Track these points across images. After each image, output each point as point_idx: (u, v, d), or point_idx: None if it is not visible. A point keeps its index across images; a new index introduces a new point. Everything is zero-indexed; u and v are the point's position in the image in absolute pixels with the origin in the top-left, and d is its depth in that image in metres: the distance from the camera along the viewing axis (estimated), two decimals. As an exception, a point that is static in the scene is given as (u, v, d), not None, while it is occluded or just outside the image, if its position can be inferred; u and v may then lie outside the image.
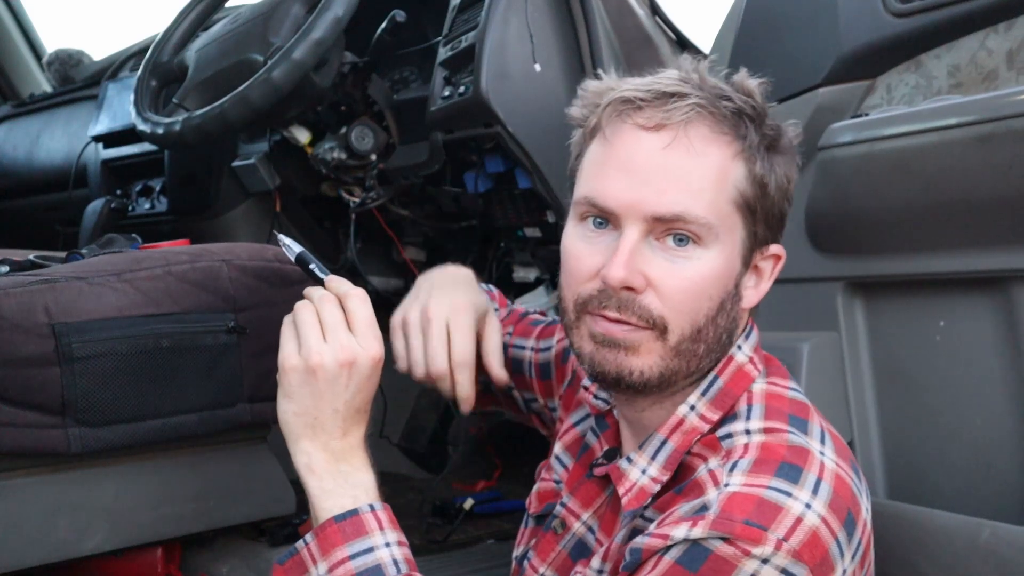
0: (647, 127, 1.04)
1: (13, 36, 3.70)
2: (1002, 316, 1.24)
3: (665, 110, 1.03)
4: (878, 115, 1.35)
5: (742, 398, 1.07)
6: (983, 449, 1.28)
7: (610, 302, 1.04)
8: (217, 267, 1.34)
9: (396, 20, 1.81)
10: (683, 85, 1.05)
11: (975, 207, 1.22)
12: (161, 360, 1.26)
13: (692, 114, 1.03)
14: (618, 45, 1.82)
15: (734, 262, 1.05)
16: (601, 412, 1.20)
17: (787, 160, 1.08)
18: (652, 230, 1.03)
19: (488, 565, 1.72)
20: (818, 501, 0.96)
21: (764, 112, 1.06)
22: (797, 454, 1.00)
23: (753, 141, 1.04)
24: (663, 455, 1.07)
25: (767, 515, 0.94)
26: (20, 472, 1.24)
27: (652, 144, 1.03)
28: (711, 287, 1.04)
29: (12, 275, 1.29)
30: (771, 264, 1.10)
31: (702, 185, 1.02)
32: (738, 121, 1.04)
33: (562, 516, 1.20)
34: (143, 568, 1.42)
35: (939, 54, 1.38)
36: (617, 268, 1.02)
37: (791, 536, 0.93)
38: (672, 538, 0.95)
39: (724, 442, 1.04)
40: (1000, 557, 1.14)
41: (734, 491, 0.96)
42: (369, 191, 1.96)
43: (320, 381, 1.08)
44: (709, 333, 1.05)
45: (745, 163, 1.04)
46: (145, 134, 1.83)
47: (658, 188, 1.02)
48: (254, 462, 1.42)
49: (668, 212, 1.02)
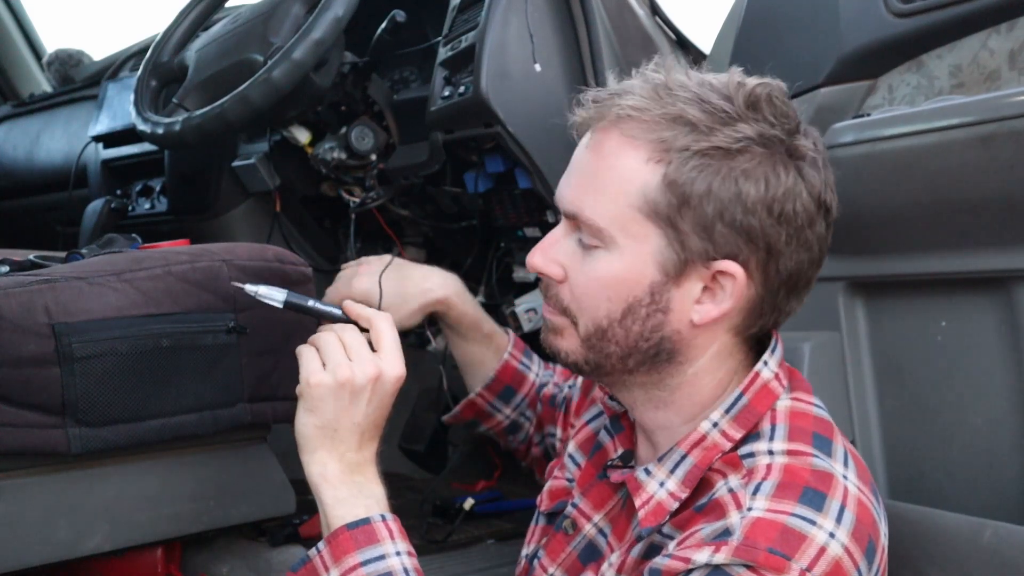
0: (591, 127, 1.08)
1: (13, 36, 3.70)
2: (1004, 316, 1.24)
3: (601, 111, 1.05)
4: (880, 115, 1.35)
5: (766, 416, 1.05)
6: (985, 449, 1.28)
7: (541, 284, 1.13)
8: (217, 267, 1.34)
9: (396, 20, 1.81)
10: (635, 86, 1.04)
11: (977, 207, 1.22)
12: (161, 360, 1.26)
13: (615, 116, 1.03)
14: (618, 45, 1.82)
15: (644, 270, 1.03)
16: (616, 413, 1.21)
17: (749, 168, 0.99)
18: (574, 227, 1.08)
19: (488, 565, 1.72)
20: (842, 530, 0.95)
21: (736, 116, 1.00)
22: (821, 479, 0.98)
23: (676, 145, 0.99)
24: (682, 470, 1.06)
25: (791, 544, 0.93)
26: (20, 472, 1.24)
27: (583, 143, 1.08)
28: (609, 289, 1.05)
29: (12, 275, 1.29)
30: (729, 282, 1.03)
31: (601, 188, 1.04)
32: (665, 125, 1.00)
33: (573, 517, 1.19)
34: (143, 568, 1.42)
35: (941, 54, 1.37)
36: (532, 255, 1.10)
37: (815, 567, 0.93)
38: (694, 562, 0.94)
39: (746, 461, 1.02)
40: (1002, 557, 1.14)
41: (758, 516, 0.95)
42: (369, 191, 1.96)
43: (346, 395, 1.12)
44: (618, 335, 1.06)
45: (663, 168, 1.00)
46: (145, 134, 1.83)
47: (574, 186, 1.07)
48: (254, 462, 1.42)
49: (568, 210, 1.07)
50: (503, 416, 1.55)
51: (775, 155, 1.01)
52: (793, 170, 1.01)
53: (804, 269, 1.06)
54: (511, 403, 1.54)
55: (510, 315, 1.95)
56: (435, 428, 2.31)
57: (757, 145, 1.00)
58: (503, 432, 1.57)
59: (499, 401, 1.54)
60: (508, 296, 2.01)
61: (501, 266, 2.04)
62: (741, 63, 1.12)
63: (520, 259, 2.01)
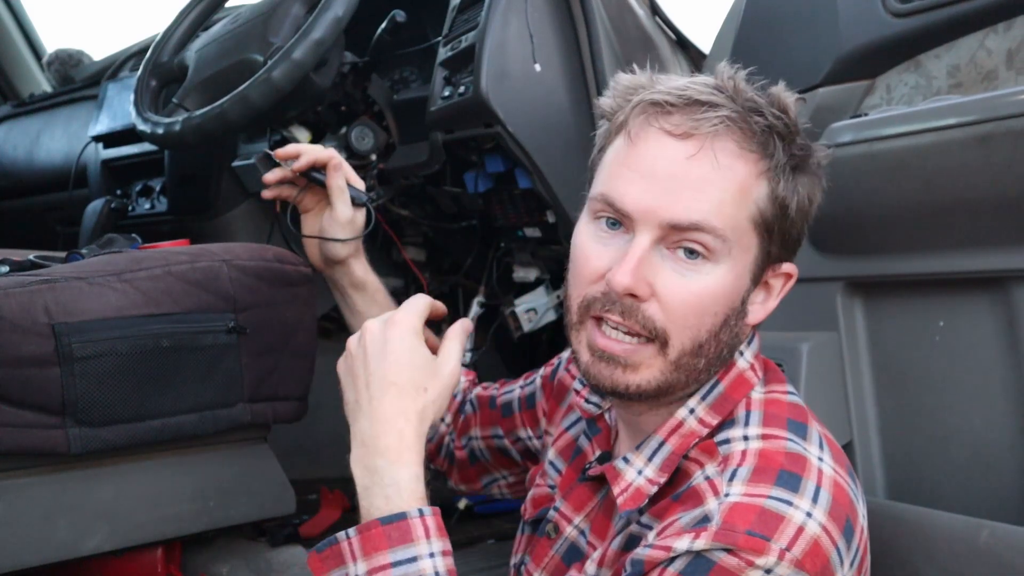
0: (674, 134, 1.02)
1: (13, 36, 3.70)
2: (1001, 316, 1.24)
3: (694, 119, 1.01)
4: (878, 115, 1.35)
5: (741, 404, 1.07)
6: (982, 449, 1.28)
7: (613, 307, 1.02)
8: (217, 267, 1.34)
9: (396, 20, 1.81)
10: (716, 94, 1.02)
11: (975, 207, 1.22)
12: (161, 360, 1.27)
13: (721, 127, 1.01)
14: (618, 45, 1.82)
15: (743, 279, 1.04)
16: (592, 416, 1.20)
17: (812, 181, 1.06)
18: (665, 238, 1.01)
19: (488, 565, 1.72)
20: (818, 509, 0.96)
21: (796, 130, 1.04)
22: (795, 461, 0.99)
23: (780, 160, 1.02)
24: (660, 457, 1.07)
25: (769, 525, 0.94)
26: (20, 472, 1.24)
27: (677, 152, 1.01)
28: (716, 303, 1.02)
29: (12, 275, 1.29)
30: (781, 282, 1.08)
31: (723, 198, 1.00)
32: (767, 139, 1.02)
33: (555, 520, 1.19)
34: (143, 568, 1.42)
35: (939, 54, 1.38)
36: (624, 274, 1.00)
37: (793, 545, 0.93)
38: (675, 550, 0.94)
39: (721, 447, 1.03)
40: (999, 557, 1.14)
41: (735, 501, 0.96)
42: (369, 191, 1.96)
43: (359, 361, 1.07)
44: (711, 348, 1.04)
45: (769, 182, 1.02)
46: (145, 134, 1.83)
47: (677, 196, 1.00)
48: (254, 462, 1.42)
49: (685, 220, 1.00)
50: None
51: (818, 167, 1.07)
52: (820, 181, 1.08)
53: None
54: None
55: (510, 315, 1.95)
56: (435, 428, 2.31)
57: (813, 159, 1.06)
58: None
59: None
60: (508, 296, 2.02)
61: (501, 266, 2.04)
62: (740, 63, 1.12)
63: (520, 259, 2.02)
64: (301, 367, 1.42)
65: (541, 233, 1.89)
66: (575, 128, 1.74)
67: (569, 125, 1.74)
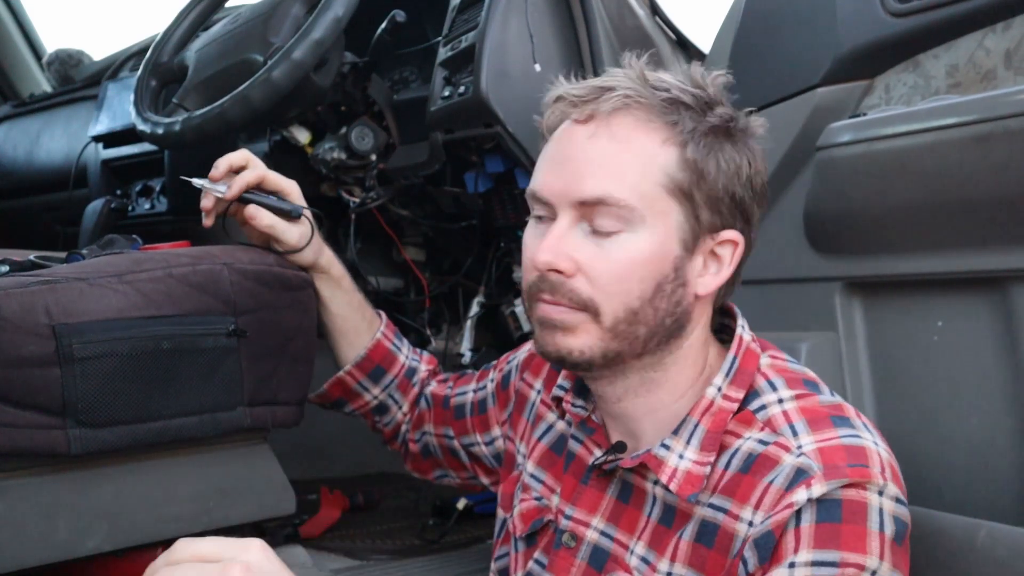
0: (579, 120, 1.10)
1: (13, 36, 3.70)
2: (1000, 316, 1.24)
3: (595, 103, 1.08)
4: (876, 115, 1.35)
5: (757, 375, 1.11)
6: (980, 449, 1.28)
7: (544, 286, 1.09)
8: (218, 270, 1.34)
9: (396, 20, 1.81)
10: (617, 79, 1.10)
11: (973, 207, 1.22)
12: (161, 362, 1.27)
13: (619, 104, 1.07)
14: (618, 45, 1.82)
15: (669, 246, 1.08)
16: (583, 418, 1.21)
17: (738, 147, 1.10)
18: (583, 216, 1.08)
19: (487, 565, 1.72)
20: (877, 438, 1.04)
21: (713, 100, 1.10)
22: (836, 408, 1.06)
23: (687, 127, 1.07)
24: (697, 438, 1.09)
25: (859, 456, 1.00)
26: (20, 472, 1.24)
27: (581, 135, 1.09)
28: (640, 269, 1.07)
29: (12, 275, 1.29)
30: (730, 250, 1.11)
31: (623, 170, 1.06)
32: (670, 109, 1.07)
33: (571, 529, 1.19)
34: (143, 568, 1.41)
35: (937, 54, 1.38)
36: (542, 252, 1.08)
37: (884, 468, 1.00)
38: (796, 502, 0.98)
39: (759, 414, 1.07)
40: (997, 557, 1.14)
41: (815, 447, 1.01)
42: (369, 191, 1.96)
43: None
44: (648, 315, 1.08)
45: (677, 148, 1.07)
46: (145, 134, 1.83)
47: (582, 174, 1.07)
48: (254, 462, 1.43)
49: (591, 196, 1.06)
50: (371, 396, 1.52)
51: (746, 135, 1.11)
52: (758, 149, 1.13)
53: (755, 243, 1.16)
54: (380, 383, 1.51)
55: (510, 315, 1.95)
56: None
57: (736, 126, 1.10)
58: (370, 413, 1.54)
59: (368, 380, 1.51)
60: (508, 296, 2.02)
61: (501, 266, 2.04)
62: (740, 63, 1.13)
63: (520, 259, 2.02)
64: (300, 371, 1.42)
65: (541, 233, 1.89)
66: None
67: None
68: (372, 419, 1.56)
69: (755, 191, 1.12)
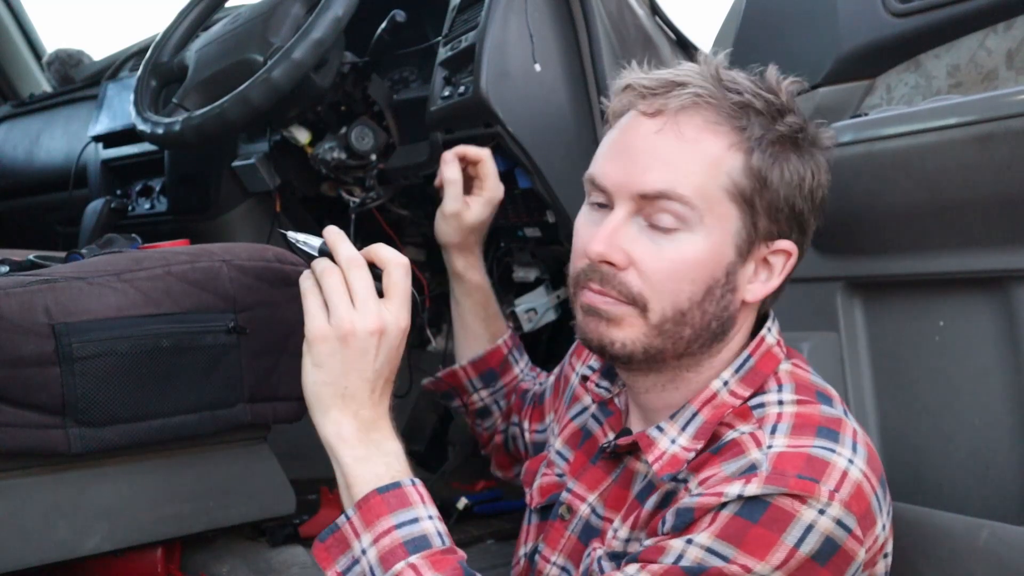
0: (647, 113, 1.08)
1: (13, 36, 3.70)
2: (1001, 316, 1.24)
3: (665, 98, 1.07)
4: (878, 115, 1.35)
5: (771, 378, 1.11)
6: (982, 449, 1.28)
7: (594, 275, 1.09)
8: (217, 267, 1.34)
9: (396, 20, 1.81)
10: (690, 75, 1.08)
11: (974, 207, 1.22)
12: (161, 360, 1.26)
13: (688, 103, 1.06)
14: (618, 45, 1.82)
15: (724, 250, 1.07)
16: (603, 400, 1.22)
17: (803, 158, 1.09)
18: (641, 210, 1.07)
19: (488, 565, 1.72)
20: (858, 458, 1.01)
21: (784, 108, 1.08)
22: (831, 421, 1.05)
23: (755, 134, 1.06)
24: (693, 427, 1.10)
25: (817, 469, 0.98)
26: (20, 472, 1.24)
27: (648, 129, 1.08)
28: (693, 271, 1.07)
29: (12, 275, 1.29)
30: (782, 260, 1.11)
31: (690, 169, 1.05)
32: (740, 113, 1.06)
33: (568, 502, 1.21)
34: (143, 568, 1.42)
35: (938, 54, 1.38)
36: (597, 243, 1.07)
37: (840, 488, 0.98)
38: (727, 495, 0.98)
39: (756, 411, 1.07)
40: (999, 557, 1.14)
41: (780, 450, 1.00)
42: (369, 191, 1.96)
43: (351, 350, 1.06)
44: (695, 317, 1.08)
45: (743, 155, 1.06)
46: (145, 134, 1.83)
47: (645, 167, 1.07)
48: (254, 462, 1.42)
49: (652, 189, 1.06)
50: (478, 398, 1.56)
51: (814, 145, 1.10)
52: (824, 160, 1.11)
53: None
54: (490, 387, 1.56)
55: (510, 315, 1.95)
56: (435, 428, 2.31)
57: (804, 136, 1.09)
58: (474, 414, 1.58)
59: (479, 381, 1.56)
60: (508, 296, 2.01)
61: (501, 266, 2.04)
62: (740, 63, 1.13)
63: (520, 259, 2.01)
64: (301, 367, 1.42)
65: (541, 233, 1.88)
66: (575, 128, 1.74)
67: (569, 125, 1.74)
68: (474, 420, 1.60)
69: (814, 203, 1.11)
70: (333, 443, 1.08)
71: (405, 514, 1.04)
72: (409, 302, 1.12)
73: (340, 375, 1.07)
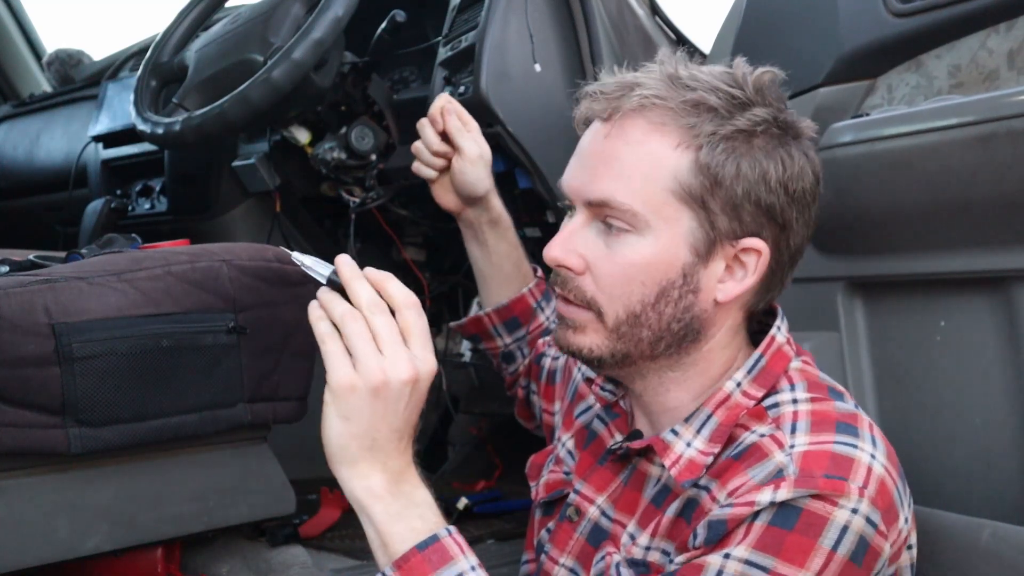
0: (601, 117, 1.09)
1: (13, 36, 3.70)
2: (1002, 316, 1.24)
3: (618, 100, 1.07)
4: (879, 115, 1.35)
5: (783, 377, 1.10)
6: (984, 449, 1.28)
7: (557, 280, 1.11)
8: (217, 267, 1.34)
9: (396, 20, 1.81)
10: (645, 76, 1.08)
11: (976, 207, 1.22)
12: (161, 360, 1.26)
13: (636, 105, 1.06)
14: (618, 45, 1.82)
15: (676, 251, 1.06)
16: (608, 403, 1.22)
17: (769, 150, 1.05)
18: (596, 215, 1.08)
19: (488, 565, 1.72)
20: (879, 452, 1.02)
21: (749, 101, 1.06)
22: (848, 416, 1.04)
23: (704, 131, 1.04)
24: (708, 429, 1.09)
25: (843, 466, 0.98)
26: (20, 472, 1.24)
27: (600, 133, 1.09)
28: (642, 273, 1.07)
29: (12, 275, 1.29)
30: (754, 258, 1.08)
31: (630, 173, 1.05)
32: (690, 111, 1.05)
33: (576, 503, 1.21)
34: (143, 568, 1.42)
35: (940, 54, 1.38)
36: (551, 247, 1.10)
37: (868, 484, 0.98)
38: (758, 503, 0.97)
39: (770, 411, 1.07)
40: (1001, 557, 1.14)
41: (804, 450, 1.00)
42: (369, 191, 1.96)
43: (383, 401, 1.01)
44: (651, 319, 1.08)
45: (692, 152, 1.04)
46: (145, 134, 1.83)
47: (594, 174, 1.08)
48: (254, 462, 1.42)
49: (596, 197, 1.07)
50: (502, 343, 1.57)
51: (786, 136, 1.07)
52: (800, 150, 1.08)
53: (804, 244, 1.12)
54: (513, 334, 1.56)
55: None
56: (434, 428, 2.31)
57: (773, 127, 1.06)
58: (499, 356, 1.60)
59: (503, 328, 1.56)
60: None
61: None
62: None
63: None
64: (301, 367, 1.42)
65: (541, 233, 1.89)
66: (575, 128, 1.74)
67: (569, 125, 1.72)
68: (499, 363, 1.61)
69: (790, 196, 1.06)
70: (363, 499, 1.03)
71: (448, 571, 1.00)
72: (431, 342, 1.05)
73: (370, 427, 1.02)
